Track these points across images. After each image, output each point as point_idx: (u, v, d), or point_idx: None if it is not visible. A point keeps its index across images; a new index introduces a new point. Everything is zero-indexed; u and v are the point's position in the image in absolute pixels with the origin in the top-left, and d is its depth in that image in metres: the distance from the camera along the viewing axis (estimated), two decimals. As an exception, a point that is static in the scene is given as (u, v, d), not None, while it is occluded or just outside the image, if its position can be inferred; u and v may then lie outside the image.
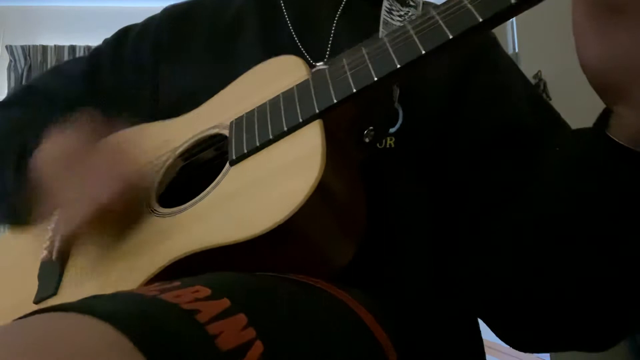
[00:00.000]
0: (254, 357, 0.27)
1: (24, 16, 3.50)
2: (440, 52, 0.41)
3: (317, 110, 0.45)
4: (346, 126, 0.48)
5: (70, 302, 0.27)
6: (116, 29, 0.75)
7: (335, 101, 0.45)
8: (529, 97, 0.59)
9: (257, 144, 0.47)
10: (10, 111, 0.69)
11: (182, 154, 0.56)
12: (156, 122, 0.63)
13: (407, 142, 0.55)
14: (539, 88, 2.15)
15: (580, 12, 0.35)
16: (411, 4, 0.61)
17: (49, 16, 3.51)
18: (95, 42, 0.79)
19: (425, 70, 0.56)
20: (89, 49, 3.27)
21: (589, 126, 0.42)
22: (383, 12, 0.59)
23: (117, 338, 0.24)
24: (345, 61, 0.47)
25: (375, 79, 0.44)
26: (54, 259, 0.54)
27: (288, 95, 0.49)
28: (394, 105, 0.54)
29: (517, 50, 2.28)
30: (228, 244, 0.42)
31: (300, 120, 0.46)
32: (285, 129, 0.46)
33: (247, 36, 0.65)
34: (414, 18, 0.45)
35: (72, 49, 3.47)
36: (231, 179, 0.48)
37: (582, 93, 0.52)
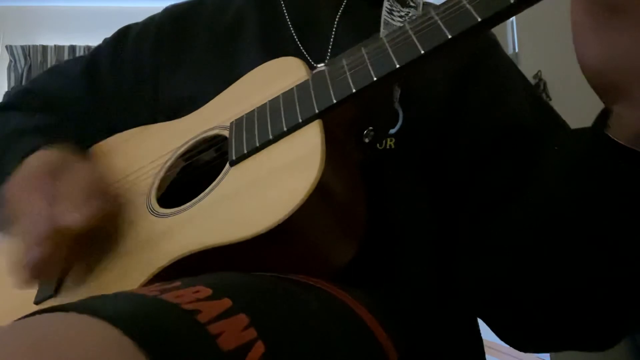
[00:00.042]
0: (255, 358, 0.27)
1: (24, 16, 3.51)
2: (439, 52, 0.41)
3: (316, 111, 0.45)
4: (346, 126, 0.48)
5: (70, 302, 0.27)
6: (116, 29, 0.74)
7: (334, 101, 0.45)
8: (529, 97, 0.59)
9: (257, 144, 0.47)
10: (6, 115, 0.68)
11: (183, 154, 0.56)
12: (157, 124, 0.63)
13: (408, 143, 0.55)
14: (539, 88, 2.15)
15: (579, 12, 0.35)
16: (411, 4, 0.61)
17: (48, 16, 3.52)
18: (95, 42, 0.79)
19: (425, 70, 0.56)
20: (89, 49, 3.27)
21: (588, 126, 0.42)
22: (384, 12, 0.59)
23: (118, 338, 0.24)
24: (344, 61, 0.47)
25: (374, 79, 0.44)
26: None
27: (288, 95, 0.49)
28: (394, 105, 0.54)
29: (517, 50, 2.29)
30: (228, 243, 0.42)
31: (300, 120, 0.46)
32: (285, 129, 0.46)
33: (247, 37, 0.65)
34: (414, 18, 0.45)
35: (72, 49, 3.47)
36: (231, 179, 0.48)
37: (582, 93, 0.52)
